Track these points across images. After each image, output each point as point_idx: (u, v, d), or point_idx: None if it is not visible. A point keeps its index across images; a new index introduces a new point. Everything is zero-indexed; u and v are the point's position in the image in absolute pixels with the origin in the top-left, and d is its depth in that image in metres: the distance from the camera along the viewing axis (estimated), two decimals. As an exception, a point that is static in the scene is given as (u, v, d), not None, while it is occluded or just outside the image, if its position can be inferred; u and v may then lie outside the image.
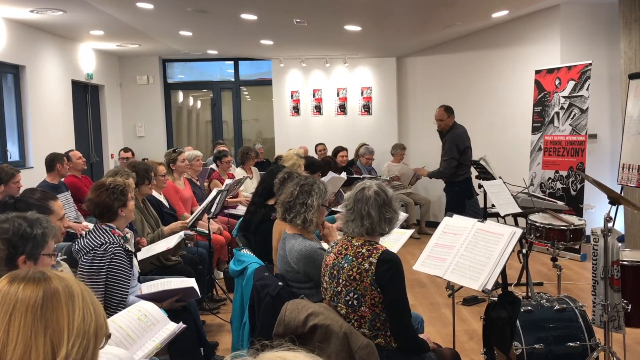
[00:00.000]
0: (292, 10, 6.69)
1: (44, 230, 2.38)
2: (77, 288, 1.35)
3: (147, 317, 2.62)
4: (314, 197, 3.31)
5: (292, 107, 10.43)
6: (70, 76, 8.62)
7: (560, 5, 7.18)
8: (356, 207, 2.71)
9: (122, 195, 3.46)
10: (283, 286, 3.08)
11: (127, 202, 3.49)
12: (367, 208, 2.68)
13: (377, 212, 2.69)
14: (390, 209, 2.72)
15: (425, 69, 9.77)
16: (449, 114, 6.39)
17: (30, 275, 1.35)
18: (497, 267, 2.96)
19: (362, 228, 2.69)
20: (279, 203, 3.46)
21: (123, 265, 3.20)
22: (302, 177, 3.65)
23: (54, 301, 1.30)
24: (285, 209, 3.35)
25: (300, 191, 3.34)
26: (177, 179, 6.06)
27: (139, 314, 2.63)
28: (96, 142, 9.73)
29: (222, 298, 5.54)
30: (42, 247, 2.37)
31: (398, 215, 2.78)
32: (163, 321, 2.67)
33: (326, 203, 3.42)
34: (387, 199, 2.72)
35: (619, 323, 3.35)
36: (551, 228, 4.72)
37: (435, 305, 5.32)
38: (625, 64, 6.67)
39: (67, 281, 1.36)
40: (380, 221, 2.69)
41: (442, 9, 6.74)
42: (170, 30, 8.02)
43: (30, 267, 2.29)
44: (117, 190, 3.45)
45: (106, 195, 3.41)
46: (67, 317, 1.30)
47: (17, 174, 5.23)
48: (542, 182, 7.27)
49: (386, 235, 2.81)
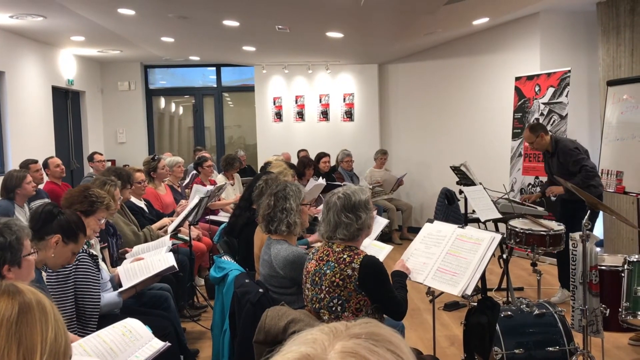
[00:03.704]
0: (274, 17, 6.70)
1: (17, 234, 2.35)
2: (48, 304, 1.33)
3: (131, 333, 2.61)
4: (291, 199, 3.35)
5: (275, 113, 10.42)
6: (51, 82, 8.55)
7: (540, 12, 7.26)
8: (324, 210, 2.80)
9: (90, 205, 3.45)
10: (264, 293, 3.07)
11: (90, 214, 3.45)
12: (329, 212, 2.75)
13: (335, 216, 2.73)
14: (351, 215, 2.72)
15: (407, 75, 9.83)
16: (537, 132, 5.46)
17: (3, 289, 1.32)
18: (476, 273, 2.97)
19: (325, 231, 2.77)
20: (260, 217, 3.48)
21: (89, 270, 3.16)
22: (273, 186, 3.65)
23: (28, 316, 1.28)
24: (268, 221, 3.39)
25: (277, 199, 3.38)
26: (158, 185, 6.03)
27: (123, 329, 2.62)
28: (77, 148, 9.64)
29: (203, 305, 5.51)
30: (21, 250, 2.35)
31: (362, 222, 2.76)
32: (147, 337, 2.65)
33: (305, 202, 3.45)
34: (348, 204, 2.73)
35: (597, 327, 3.39)
36: (531, 233, 4.76)
37: (416, 311, 5.33)
38: (603, 71, 6.77)
39: (38, 295, 1.34)
40: (338, 225, 2.71)
41: (423, 16, 6.78)
42: (151, 36, 7.99)
43: (15, 274, 2.28)
44: (88, 197, 3.44)
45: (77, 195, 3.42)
46: (40, 334, 1.27)
47: (27, 175, 5.30)
48: (522, 188, 7.33)
49: (366, 239, 2.84)
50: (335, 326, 0.83)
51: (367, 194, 2.84)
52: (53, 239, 2.80)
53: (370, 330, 0.82)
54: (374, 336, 0.81)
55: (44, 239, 2.80)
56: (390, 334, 0.83)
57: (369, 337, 0.80)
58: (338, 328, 0.82)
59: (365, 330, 0.82)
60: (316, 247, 2.91)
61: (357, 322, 0.85)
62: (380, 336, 0.81)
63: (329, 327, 0.83)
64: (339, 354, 0.77)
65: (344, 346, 0.78)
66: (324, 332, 0.81)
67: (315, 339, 0.80)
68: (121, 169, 5.13)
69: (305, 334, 0.82)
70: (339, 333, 0.81)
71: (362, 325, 0.83)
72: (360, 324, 0.84)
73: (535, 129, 5.49)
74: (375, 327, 0.84)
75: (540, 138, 5.45)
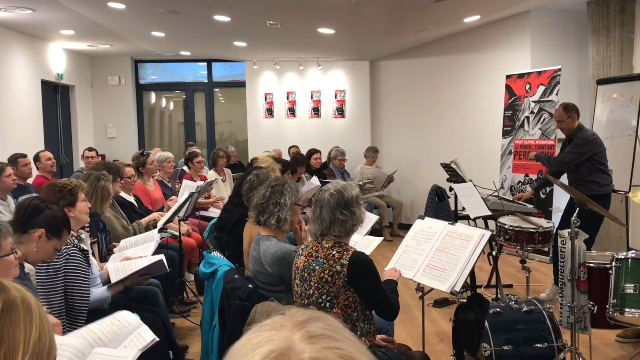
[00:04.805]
0: (266, 12, 6.68)
1: None
2: (34, 302, 1.29)
3: (120, 322, 2.60)
4: (287, 196, 3.33)
5: (266, 109, 10.40)
6: (40, 76, 8.48)
7: (531, 11, 7.29)
8: (316, 208, 2.77)
9: (70, 194, 3.42)
10: (253, 289, 3.07)
11: (75, 202, 3.43)
12: (322, 210, 2.73)
13: (330, 213, 2.71)
14: (346, 211, 2.72)
15: (398, 72, 9.83)
16: (570, 113, 5.27)
17: None
18: (465, 269, 2.98)
19: (318, 229, 2.74)
20: (252, 206, 3.46)
21: (80, 265, 3.14)
22: (273, 179, 3.65)
23: (12, 314, 1.23)
24: (259, 211, 3.36)
25: (273, 192, 3.36)
26: (147, 180, 6.00)
27: (112, 319, 2.60)
28: (66, 143, 9.58)
29: (193, 301, 5.49)
30: None
31: (356, 218, 2.76)
32: (135, 324, 2.63)
33: (300, 202, 3.44)
34: (341, 201, 2.73)
35: (585, 324, 3.40)
36: (520, 230, 4.78)
37: (406, 307, 5.34)
38: (593, 69, 6.80)
39: (24, 293, 1.29)
40: (333, 222, 2.70)
41: (415, 13, 6.79)
42: (142, 30, 7.94)
43: None
44: (65, 189, 3.41)
45: (52, 194, 3.37)
46: (24, 333, 1.23)
47: (6, 168, 5.20)
48: (512, 185, 7.36)
49: (356, 234, 2.83)
50: (278, 321, 0.82)
51: (357, 189, 2.84)
52: (36, 233, 2.77)
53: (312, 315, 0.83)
54: (318, 318, 0.82)
55: (27, 232, 2.77)
56: (327, 315, 0.85)
57: (315, 319, 0.82)
58: (281, 322, 0.82)
59: (307, 317, 0.83)
60: (305, 243, 2.90)
61: (291, 313, 0.84)
62: (323, 317, 0.83)
63: (271, 324, 0.82)
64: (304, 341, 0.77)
65: (304, 333, 0.79)
66: (274, 328, 0.81)
67: (269, 337, 0.79)
68: (110, 163, 5.10)
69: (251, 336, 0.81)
70: (285, 325, 0.81)
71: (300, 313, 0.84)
72: (296, 314, 0.84)
73: (569, 110, 5.30)
74: (312, 312, 0.85)
75: (572, 120, 5.26)
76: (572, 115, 5.26)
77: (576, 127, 5.27)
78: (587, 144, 5.17)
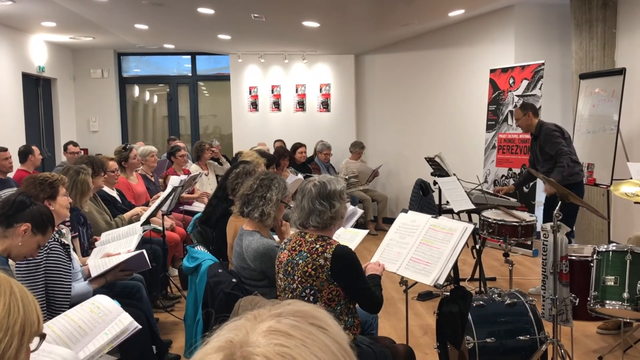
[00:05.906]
0: (250, 5, 6.64)
1: None
2: (5, 282, 1.27)
3: (99, 309, 2.59)
4: (274, 191, 3.32)
5: (251, 103, 10.36)
6: (21, 69, 8.37)
7: (515, 5, 7.31)
8: (298, 196, 2.78)
9: (51, 187, 3.39)
10: (237, 283, 3.06)
11: (55, 195, 3.40)
12: (303, 199, 2.74)
13: (309, 203, 2.72)
14: (325, 202, 2.71)
15: (383, 66, 9.84)
16: (525, 111, 5.45)
17: None
18: (448, 262, 2.99)
19: (298, 219, 2.75)
20: (238, 196, 3.45)
21: (60, 259, 3.11)
22: (261, 172, 3.63)
23: None
24: (244, 202, 3.34)
25: (260, 185, 3.34)
26: (130, 175, 5.96)
27: (92, 306, 2.59)
28: (48, 136, 9.48)
29: (177, 295, 5.46)
30: None
31: (335, 211, 2.75)
32: (115, 311, 2.62)
33: (285, 200, 3.42)
34: (323, 192, 2.73)
35: (567, 316, 3.43)
36: (503, 224, 4.81)
37: (390, 300, 5.36)
38: (576, 64, 6.84)
39: None
40: (311, 212, 2.70)
41: (399, 7, 6.79)
42: (125, 23, 7.87)
43: None
44: (46, 183, 3.38)
45: (33, 187, 3.34)
46: None
47: None
48: (495, 179, 7.40)
49: (339, 229, 2.83)
50: (259, 311, 0.84)
51: (342, 184, 2.83)
52: (22, 227, 2.74)
53: (293, 309, 0.83)
54: (297, 313, 0.82)
55: (12, 226, 2.74)
56: (314, 309, 0.85)
57: (291, 314, 0.82)
58: (261, 312, 0.84)
59: (287, 309, 0.83)
60: (288, 237, 2.89)
61: (281, 304, 0.86)
62: (303, 312, 0.83)
63: (253, 313, 0.84)
64: (261, 334, 0.78)
65: (267, 326, 0.79)
66: (247, 319, 0.82)
67: (237, 326, 0.81)
68: (93, 157, 5.06)
69: (230, 323, 0.83)
70: (261, 316, 0.82)
71: (285, 306, 0.85)
72: (283, 305, 0.85)
73: (525, 107, 5.53)
74: (299, 305, 0.85)
75: (527, 117, 5.43)
76: (527, 113, 5.43)
77: (537, 124, 5.43)
78: (554, 131, 5.32)
